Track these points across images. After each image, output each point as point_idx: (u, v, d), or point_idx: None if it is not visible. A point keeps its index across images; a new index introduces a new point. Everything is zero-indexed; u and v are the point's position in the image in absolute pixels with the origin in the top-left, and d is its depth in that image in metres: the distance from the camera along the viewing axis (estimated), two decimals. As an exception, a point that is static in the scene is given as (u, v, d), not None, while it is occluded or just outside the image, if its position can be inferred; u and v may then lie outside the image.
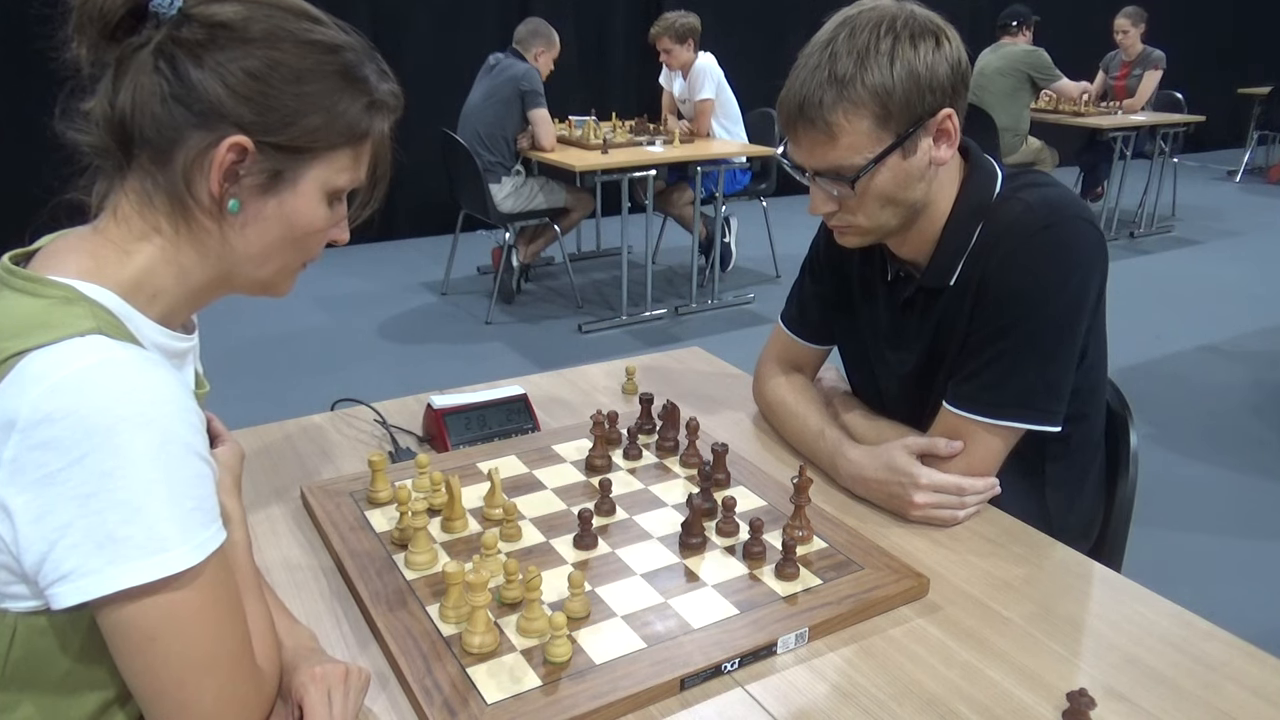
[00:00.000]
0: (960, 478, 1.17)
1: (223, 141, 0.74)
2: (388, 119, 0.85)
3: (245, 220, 0.79)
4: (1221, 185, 8.09)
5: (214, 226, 0.79)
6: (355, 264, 5.44)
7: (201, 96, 0.74)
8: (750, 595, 1.00)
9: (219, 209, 0.78)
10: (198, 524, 0.70)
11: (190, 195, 0.76)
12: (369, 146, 0.84)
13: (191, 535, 0.69)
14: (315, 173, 0.80)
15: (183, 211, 0.77)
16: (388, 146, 0.87)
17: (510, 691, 0.85)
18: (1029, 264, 1.14)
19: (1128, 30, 6.13)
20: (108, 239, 0.78)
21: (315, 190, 0.81)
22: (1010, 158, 5.54)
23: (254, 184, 0.78)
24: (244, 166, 0.76)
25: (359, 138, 0.82)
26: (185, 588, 0.69)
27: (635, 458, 1.30)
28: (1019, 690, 0.88)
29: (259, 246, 0.81)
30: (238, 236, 0.80)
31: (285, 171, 0.78)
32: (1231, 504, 2.92)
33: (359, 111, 0.81)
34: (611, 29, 6.37)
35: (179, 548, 0.68)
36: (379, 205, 0.90)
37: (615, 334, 4.39)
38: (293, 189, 0.79)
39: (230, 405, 4.25)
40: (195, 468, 0.70)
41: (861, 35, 1.08)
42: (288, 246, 0.83)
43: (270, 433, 1.40)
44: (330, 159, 0.80)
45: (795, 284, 1.48)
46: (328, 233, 0.85)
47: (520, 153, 4.51)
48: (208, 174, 0.75)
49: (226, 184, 0.76)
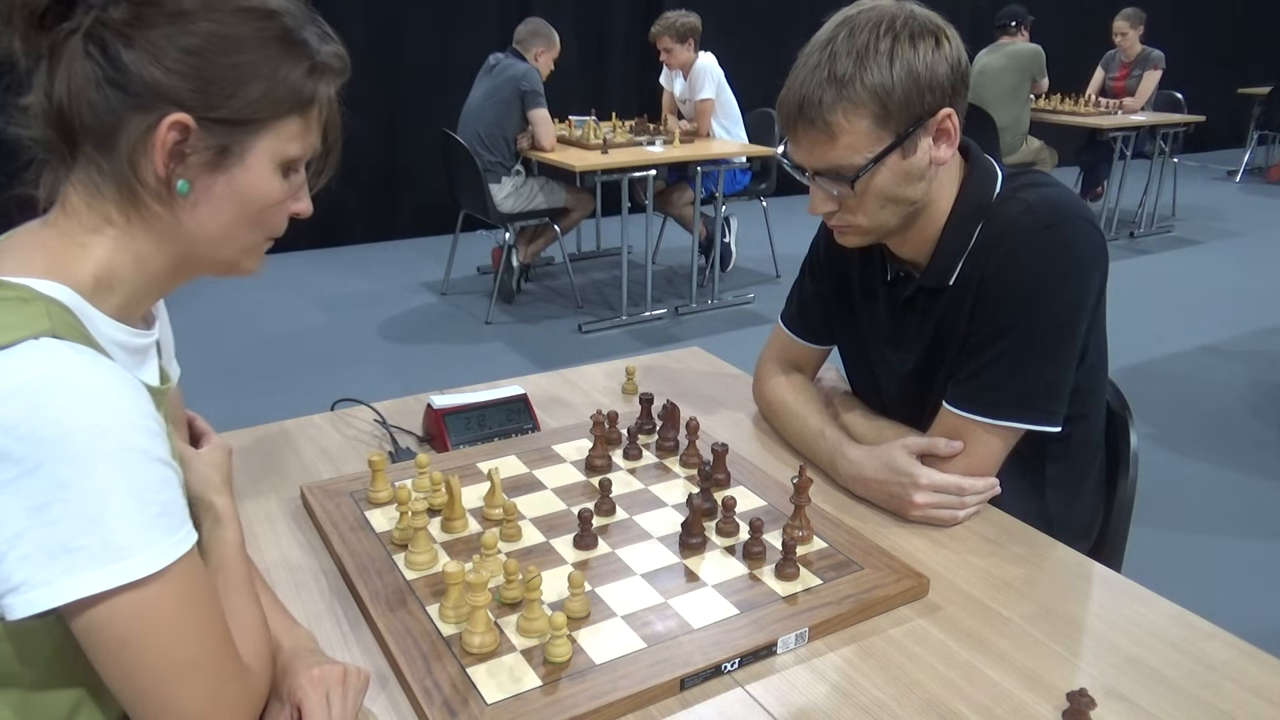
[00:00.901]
0: (960, 478, 1.17)
1: (163, 121, 0.72)
2: (333, 82, 0.81)
3: (196, 200, 0.77)
4: (1221, 185, 8.09)
5: (165, 210, 0.76)
6: (355, 264, 5.45)
7: (136, 78, 0.72)
8: (750, 595, 1.00)
9: (168, 191, 0.75)
10: (162, 529, 0.69)
11: (137, 180, 0.74)
12: (317, 112, 0.81)
13: (155, 541, 0.68)
14: (264, 144, 0.77)
15: (132, 198, 0.75)
16: (337, 111, 0.84)
17: (510, 691, 0.85)
18: (1029, 264, 1.14)
19: (1126, 32, 6.13)
20: (60, 233, 0.76)
21: (266, 162, 0.78)
22: (1010, 158, 5.54)
23: (201, 162, 0.75)
24: (188, 145, 0.74)
25: (305, 104, 0.79)
26: (153, 593, 0.68)
27: (635, 458, 1.30)
28: (1019, 690, 0.88)
29: (215, 226, 0.79)
30: (191, 218, 0.77)
31: (232, 146, 0.76)
32: (1231, 504, 2.92)
33: (301, 77, 0.78)
34: (611, 29, 6.37)
35: (140, 554, 0.67)
36: (333, 173, 0.87)
37: (615, 334, 4.39)
38: (242, 163, 0.77)
39: (230, 405, 4.25)
40: (156, 473, 0.69)
41: (861, 35, 1.08)
42: (245, 223, 0.80)
43: (270, 433, 1.40)
44: (278, 129, 0.78)
45: (795, 284, 1.48)
46: (286, 205, 0.83)
47: (520, 153, 4.51)
48: (152, 157, 0.73)
49: (172, 165, 0.74)
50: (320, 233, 5.69)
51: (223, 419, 1.05)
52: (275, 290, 4.91)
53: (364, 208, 5.85)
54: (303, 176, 0.84)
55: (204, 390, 3.58)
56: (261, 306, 4.67)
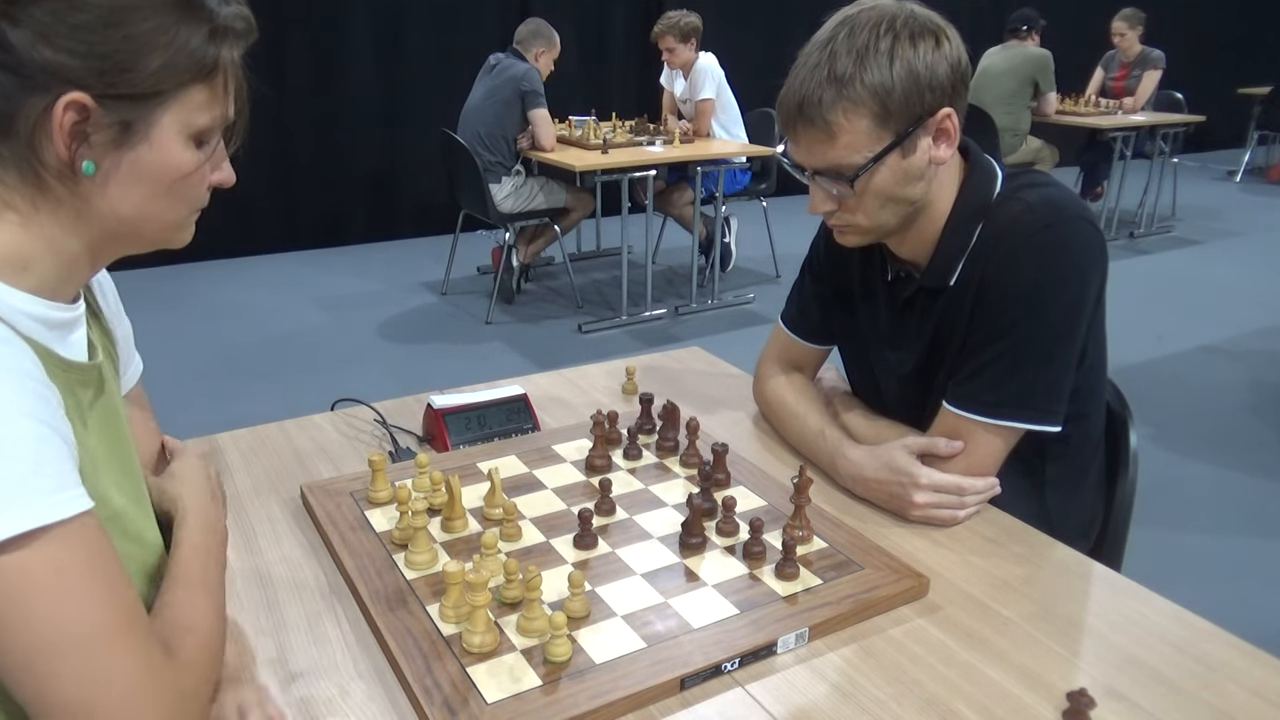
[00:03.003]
0: (960, 478, 1.17)
1: (58, 102, 0.69)
2: (238, 44, 0.77)
3: (105, 180, 0.73)
4: (1221, 185, 8.09)
5: (72, 192, 0.73)
6: (355, 264, 5.45)
7: (25, 59, 0.68)
8: (750, 595, 1.00)
9: (73, 173, 0.72)
10: (35, 489, 0.64)
11: (40, 164, 0.71)
12: (223, 78, 0.77)
13: (26, 500, 0.63)
14: (170, 117, 0.74)
15: (36, 182, 0.72)
16: (242, 75, 0.80)
17: (510, 691, 0.85)
18: (1029, 264, 1.14)
19: (1124, 33, 6.13)
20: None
21: (174, 135, 0.74)
22: (1010, 158, 5.54)
23: (105, 140, 0.72)
24: (89, 125, 0.70)
25: (209, 71, 0.74)
26: (23, 558, 0.63)
27: (635, 458, 1.30)
28: (1019, 690, 0.88)
29: (127, 205, 0.75)
30: (101, 198, 0.74)
31: (135, 122, 0.72)
32: (1231, 504, 2.92)
33: (202, 42, 0.73)
34: (611, 29, 6.37)
35: (4, 514, 0.62)
36: (242, 141, 0.83)
37: (615, 334, 4.39)
38: (148, 139, 0.73)
39: (230, 405, 4.22)
40: (26, 429, 0.64)
41: (861, 34, 1.08)
42: (160, 198, 0.77)
43: (270, 433, 1.40)
44: (183, 99, 0.74)
45: (795, 284, 1.48)
46: (203, 175, 0.79)
47: (520, 153, 4.51)
48: (52, 139, 0.70)
49: (74, 146, 0.71)
50: (320, 233, 5.70)
51: (223, 419, 1.05)
52: (275, 290, 4.91)
53: (364, 208, 5.85)
54: (218, 145, 0.80)
55: (204, 390, 3.60)
56: (261, 306, 4.67)
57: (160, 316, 4.39)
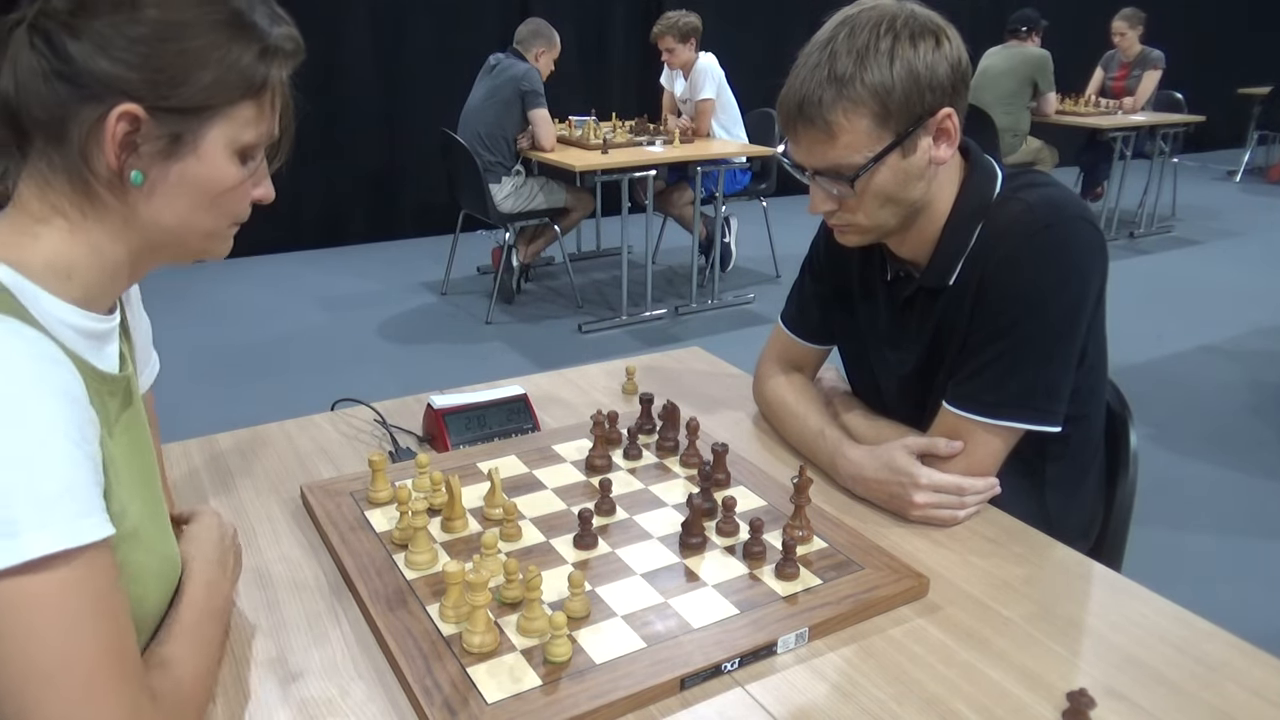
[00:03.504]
0: (960, 478, 1.17)
1: (112, 112, 0.71)
2: (286, 65, 0.80)
3: (151, 190, 0.75)
4: (1221, 185, 8.08)
5: (120, 201, 0.75)
6: (355, 264, 5.45)
7: (83, 69, 0.70)
8: (750, 595, 1.00)
9: (121, 182, 0.74)
10: (63, 512, 0.64)
11: (90, 172, 0.73)
12: (271, 97, 0.79)
13: (50, 521, 0.63)
14: (218, 131, 0.76)
15: (85, 190, 0.74)
16: (289, 95, 0.82)
17: (510, 691, 0.85)
18: (1029, 264, 1.14)
19: (1124, 33, 6.13)
20: (12, 226, 0.75)
21: (221, 149, 0.77)
22: (1010, 158, 5.54)
23: (154, 151, 0.74)
24: (140, 135, 0.73)
25: (258, 89, 0.77)
26: (36, 581, 0.62)
27: (635, 458, 1.30)
28: (1019, 690, 0.88)
29: (171, 215, 0.77)
30: (147, 208, 0.76)
31: (185, 134, 0.74)
32: (1231, 504, 2.92)
33: (253, 60, 0.76)
34: (611, 29, 6.37)
35: (31, 533, 0.62)
36: (286, 158, 0.85)
37: (615, 334, 4.39)
38: (196, 151, 0.75)
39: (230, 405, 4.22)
40: (61, 450, 0.65)
41: (861, 34, 1.08)
42: (203, 210, 0.78)
43: (270, 433, 1.40)
44: (231, 114, 0.76)
45: (795, 284, 1.48)
46: (245, 190, 0.81)
47: (520, 153, 4.51)
48: (104, 148, 0.72)
49: (124, 155, 0.73)
50: (320, 233, 5.70)
51: (223, 419, 1.05)
52: (275, 290, 4.91)
53: (364, 208, 5.85)
54: (261, 162, 0.82)
55: (204, 390, 3.60)
56: (261, 306, 4.67)
57: (160, 316, 4.37)
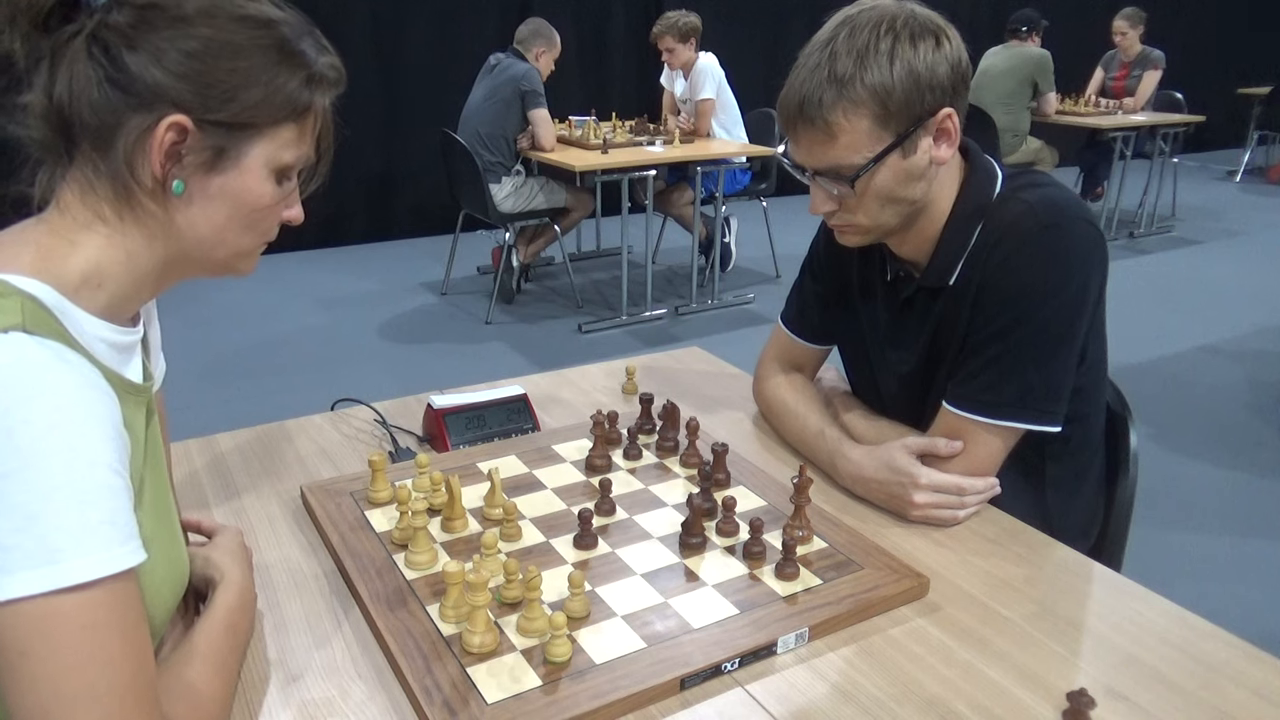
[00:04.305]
0: (960, 478, 1.17)
1: (161, 122, 0.74)
2: (329, 92, 0.83)
3: (190, 200, 0.78)
4: (1221, 185, 8.09)
5: (159, 209, 0.77)
6: (355, 264, 5.45)
7: (138, 78, 0.73)
8: (750, 595, 1.00)
9: (163, 191, 0.77)
10: (104, 539, 0.66)
11: (134, 179, 0.75)
12: (312, 121, 0.83)
13: (94, 549, 0.65)
14: (260, 149, 0.79)
15: (127, 196, 0.76)
16: (330, 121, 0.86)
17: (510, 691, 0.85)
18: (1029, 264, 1.14)
19: (1125, 32, 6.13)
20: (52, 229, 0.77)
21: (261, 167, 0.80)
22: (1010, 158, 5.54)
23: (197, 162, 0.77)
24: (186, 146, 0.75)
25: (301, 112, 0.80)
26: (73, 603, 0.64)
27: (635, 458, 1.30)
28: (1019, 690, 0.88)
29: (207, 227, 0.80)
30: (184, 218, 0.78)
31: (229, 149, 0.77)
32: (1231, 504, 2.92)
33: (298, 86, 0.79)
34: (611, 29, 6.37)
35: (75, 560, 0.64)
36: (323, 181, 0.88)
37: (615, 334, 4.39)
38: (237, 166, 0.78)
39: (230, 405, 4.22)
40: (105, 480, 0.67)
41: (861, 35, 1.08)
42: (237, 226, 0.81)
43: (270, 433, 1.40)
44: (274, 135, 0.79)
45: (795, 284, 1.48)
46: (278, 210, 0.84)
47: (520, 153, 4.51)
48: (149, 156, 0.74)
49: (168, 164, 0.75)
50: (320, 233, 5.70)
51: (223, 419, 1.05)
52: (275, 290, 4.91)
53: (364, 208, 5.85)
54: (295, 184, 0.85)
55: (205, 390, 3.61)
56: (261, 306, 4.67)
57: (160, 316, 4.38)
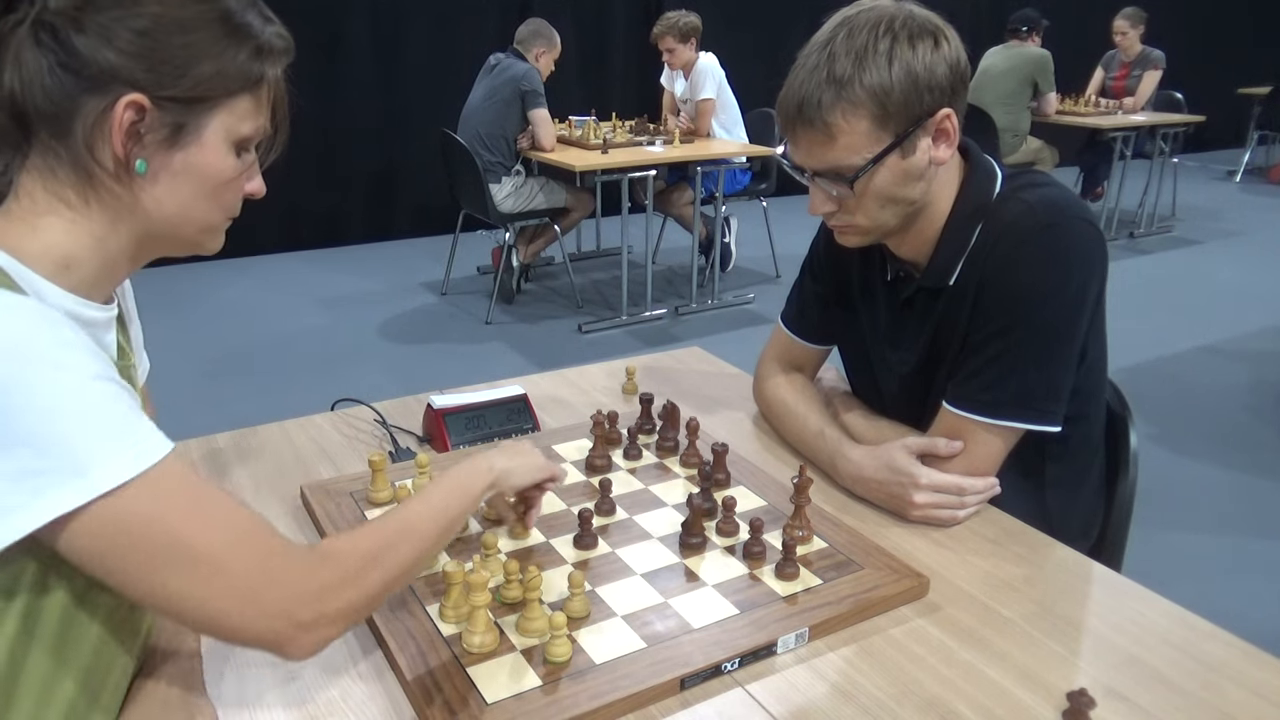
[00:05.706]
0: (960, 478, 1.17)
1: (119, 102, 0.73)
2: (279, 61, 0.83)
3: (154, 178, 0.78)
4: (1221, 185, 8.08)
5: (124, 190, 0.78)
6: (355, 264, 5.45)
7: (89, 61, 0.73)
8: (750, 595, 1.00)
9: (125, 171, 0.77)
10: (121, 441, 0.68)
11: (95, 162, 0.75)
12: (266, 91, 0.83)
13: (116, 453, 0.68)
14: (218, 122, 0.79)
15: (89, 179, 0.76)
16: (284, 92, 0.86)
17: (510, 691, 0.85)
18: (1029, 264, 1.14)
19: (1126, 32, 6.13)
20: (12, 218, 0.77)
21: (220, 140, 0.80)
22: (1010, 158, 5.54)
23: (157, 140, 0.77)
24: (145, 124, 0.75)
25: (254, 83, 0.81)
26: (127, 502, 0.67)
27: (635, 458, 1.30)
28: (1019, 690, 0.88)
29: (173, 204, 0.80)
30: (149, 197, 0.79)
31: (187, 124, 0.78)
32: (1231, 504, 2.92)
33: (247, 57, 0.80)
34: (611, 29, 6.37)
35: (103, 467, 0.67)
36: (281, 152, 0.89)
37: (615, 334, 4.39)
38: (198, 141, 0.79)
39: (230, 405, 4.22)
40: (98, 388, 0.69)
41: (860, 35, 1.08)
42: (201, 201, 0.82)
43: (270, 433, 1.40)
44: (230, 107, 0.79)
45: (795, 284, 1.48)
46: (241, 183, 0.84)
47: (520, 153, 4.51)
48: (109, 137, 0.74)
49: (129, 144, 0.75)
50: (320, 233, 5.70)
51: (223, 419, 1.05)
52: (275, 290, 4.91)
53: (364, 208, 5.85)
54: (254, 156, 0.85)
55: (205, 390, 3.61)
56: (261, 306, 4.67)
57: (160, 317, 4.39)
